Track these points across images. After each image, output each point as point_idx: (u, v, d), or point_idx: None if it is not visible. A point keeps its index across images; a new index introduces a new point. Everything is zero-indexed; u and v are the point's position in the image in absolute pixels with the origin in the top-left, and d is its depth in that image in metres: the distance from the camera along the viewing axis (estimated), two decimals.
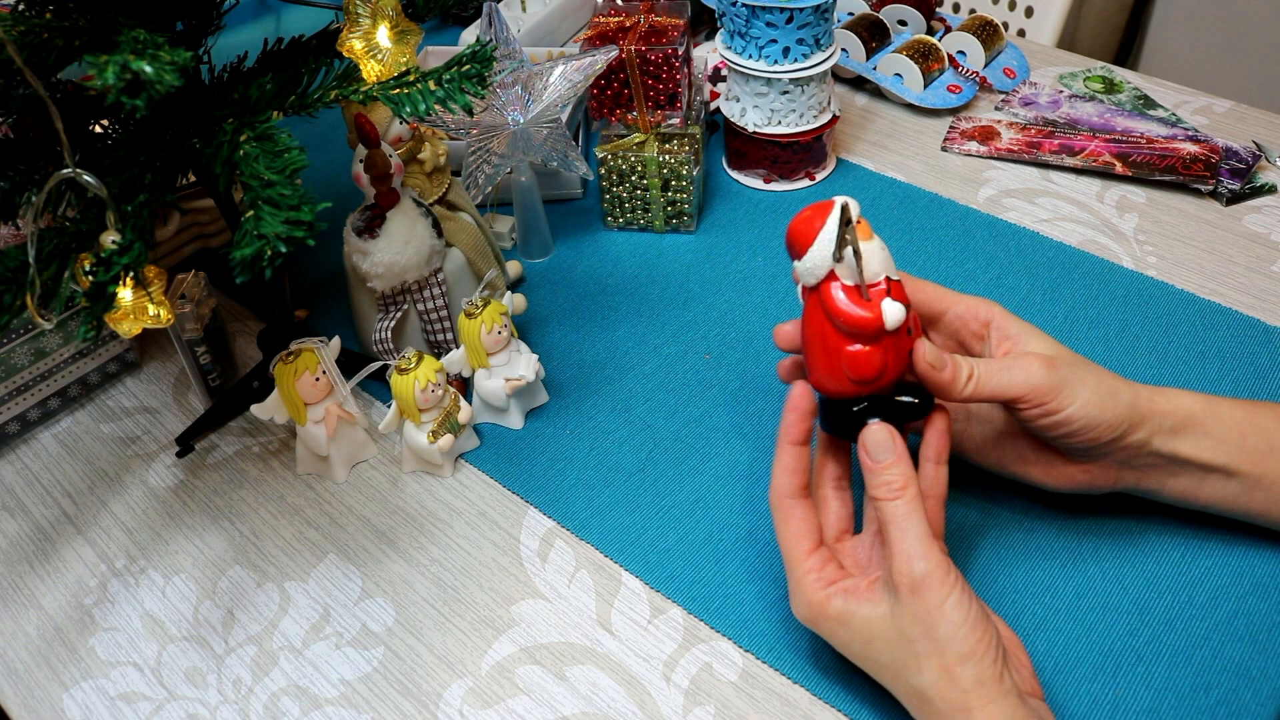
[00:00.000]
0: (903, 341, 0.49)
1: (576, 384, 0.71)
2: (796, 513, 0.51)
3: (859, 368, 0.49)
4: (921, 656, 0.46)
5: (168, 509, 0.66)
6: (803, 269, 0.50)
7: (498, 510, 0.64)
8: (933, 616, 0.45)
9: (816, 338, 0.50)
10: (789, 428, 0.52)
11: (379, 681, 0.56)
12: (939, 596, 0.45)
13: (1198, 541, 0.57)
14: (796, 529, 0.51)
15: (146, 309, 0.50)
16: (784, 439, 0.52)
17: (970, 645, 0.45)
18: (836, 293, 0.49)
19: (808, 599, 0.50)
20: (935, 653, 0.45)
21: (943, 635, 0.45)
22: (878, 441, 0.49)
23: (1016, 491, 0.60)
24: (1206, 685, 0.51)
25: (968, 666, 0.45)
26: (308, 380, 0.62)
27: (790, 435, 0.52)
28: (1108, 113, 0.92)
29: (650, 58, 0.77)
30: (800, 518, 0.51)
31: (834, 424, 0.52)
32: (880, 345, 0.49)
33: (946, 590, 0.45)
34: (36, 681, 0.57)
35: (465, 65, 0.51)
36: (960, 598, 0.46)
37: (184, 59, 0.42)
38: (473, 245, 0.72)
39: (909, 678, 0.47)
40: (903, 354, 0.50)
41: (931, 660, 0.45)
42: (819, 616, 0.50)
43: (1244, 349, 0.69)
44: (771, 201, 0.86)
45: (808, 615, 0.50)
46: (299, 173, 0.46)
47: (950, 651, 0.45)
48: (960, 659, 0.45)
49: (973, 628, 0.45)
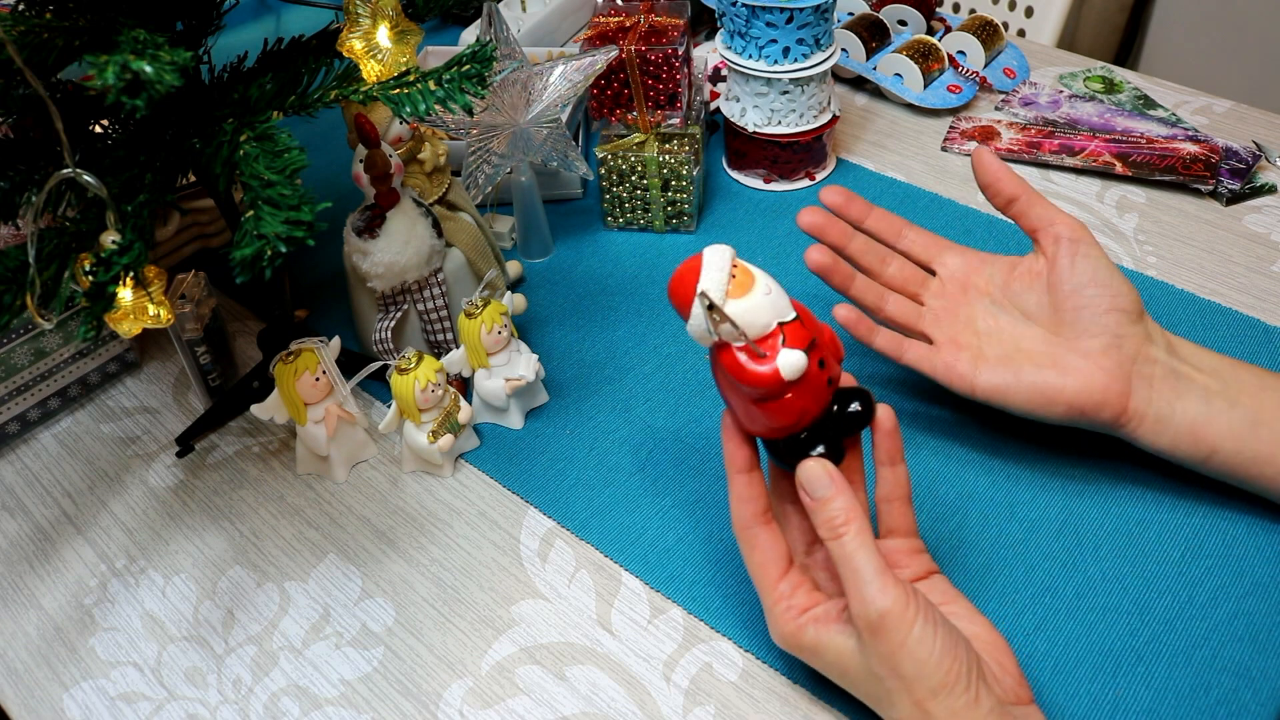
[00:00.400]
0: (815, 375, 0.47)
1: (576, 384, 0.71)
2: (760, 541, 0.50)
3: (777, 419, 0.47)
4: (893, 693, 0.45)
5: (168, 509, 0.66)
6: (690, 329, 0.47)
7: (498, 510, 0.64)
8: (896, 656, 0.44)
9: (729, 392, 0.48)
10: (730, 456, 0.50)
11: (379, 681, 0.56)
12: (900, 634, 0.43)
13: (1198, 541, 0.57)
14: (762, 558, 0.50)
15: (146, 309, 0.50)
16: (730, 468, 0.50)
17: (939, 678, 0.43)
18: (731, 357, 0.46)
19: (780, 629, 0.49)
20: (904, 690, 0.44)
21: (909, 673, 0.43)
22: (812, 478, 0.47)
23: (1016, 491, 0.60)
24: (1206, 685, 0.51)
25: (939, 700, 0.43)
26: (308, 380, 0.62)
27: (735, 464, 0.50)
28: (1108, 113, 0.92)
29: (650, 58, 0.77)
30: (765, 545, 0.50)
31: (779, 459, 0.50)
32: (792, 393, 0.46)
33: (907, 625, 0.43)
34: (36, 681, 0.57)
35: (465, 65, 0.51)
36: (923, 630, 0.43)
37: (184, 59, 0.42)
38: (473, 245, 0.72)
39: (885, 711, 0.46)
40: (820, 386, 0.47)
41: (902, 697, 0.44)
42: (794, 646, 0.49)
43: (1244, 349, 0.69)
44: (771, 201, 0.86)
45: (783, 644, 0.50)
46: (299, 173, 0.46)
47: (920, 688, 0.43)
48: (931, 693, 0.43)
49: (940, 659, 0.43)
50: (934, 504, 0.61)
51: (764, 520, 0.50)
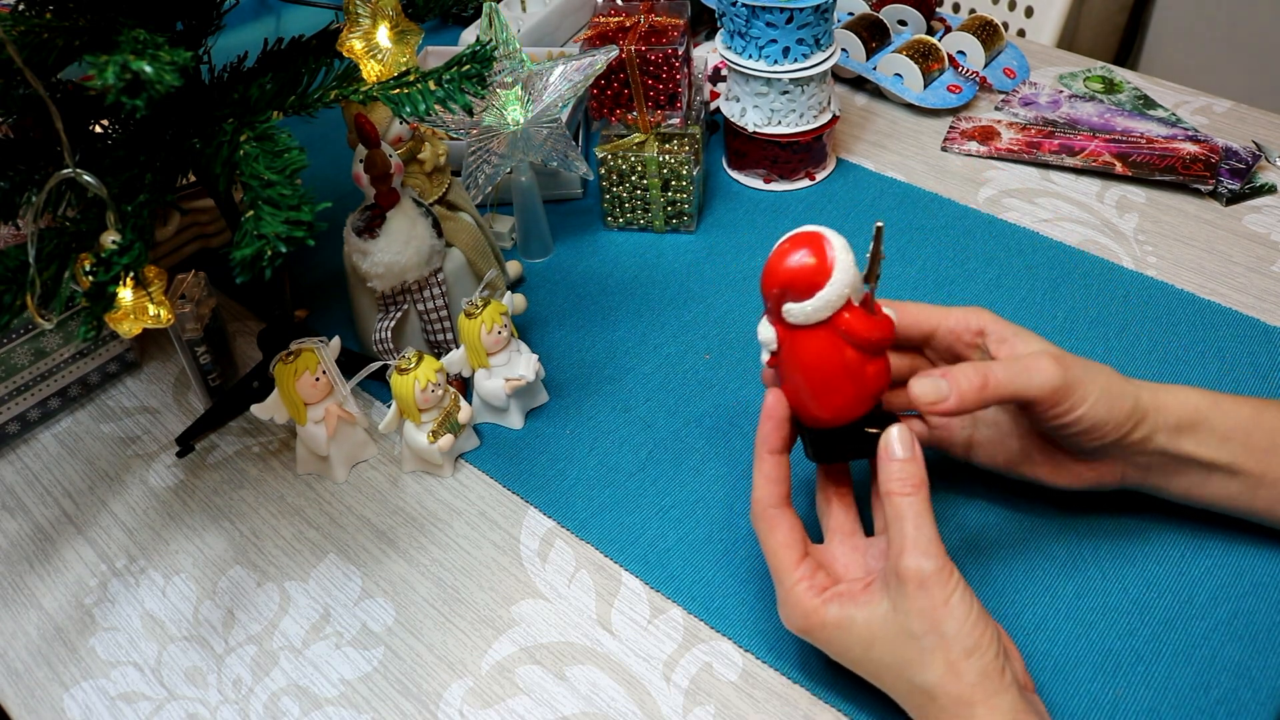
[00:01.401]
0: None
1: (576, 384, 0.71)
2: (782, 523, 0.51)
3: (881, 380, 0.49)
4: (926, 652, 0.46)
5: (168, 509, 0.66)
6: (814, 307, 0.47)
7: (498, 510, 0.64)
8: (939, 612, 0.46)
9: (834, 370, 0.49)
10: (767, 436, 0.51)
11: (379, 681, 0.56)
12: (944, 593, 0.46)
13: (1198, 541, 0.57)
14: (784, 539, 0.50)
15: (146, 309, 0.50)
16: (762, 448, 0.51)
17: (974, 640, 0.45)
18: (853, 320, 0.48)
19: (803, 608, 0.49)
20: (941, 647, 0.45)
21: (949, 630, 0.45)
22: (899, 438, 0.49)
23: (1016, 492, 0.60)
24: (1206, 685, 0.51)
25: (972, 661, 0.45)
26: (308, 380, 0.62)
27: (769, 444, 0.51)
28: (1108, 113, 0.92)
29: (650, 58, 0.77)
30: (787, 527, 0.51)
31: (823, 452, 0.51)
32: (880, 363, 0.49)
33: (951, 587, 0.46)
34: (36, 681, 0.57)
35: (465, 65, 0.51)
36: (963, 595, 0.46)
37: (184, 59, 0.42)
38: (473, 245, 0.72)
39: (912, 675, 0.47)
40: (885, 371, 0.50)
41: (937, 655, 0.45)
42: (815, 625, 0.49)
43: (1244, 349, 0.69)
44: (771, 201, 0.86)
45: (802, 625, 0.50)
46: (299, 173, 0.46)
47: (956, 646, 0.45)
48: (965, 653, 0.45)
49: (975, 624, 0.46)
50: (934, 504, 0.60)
51: (787, 503, 0.51)
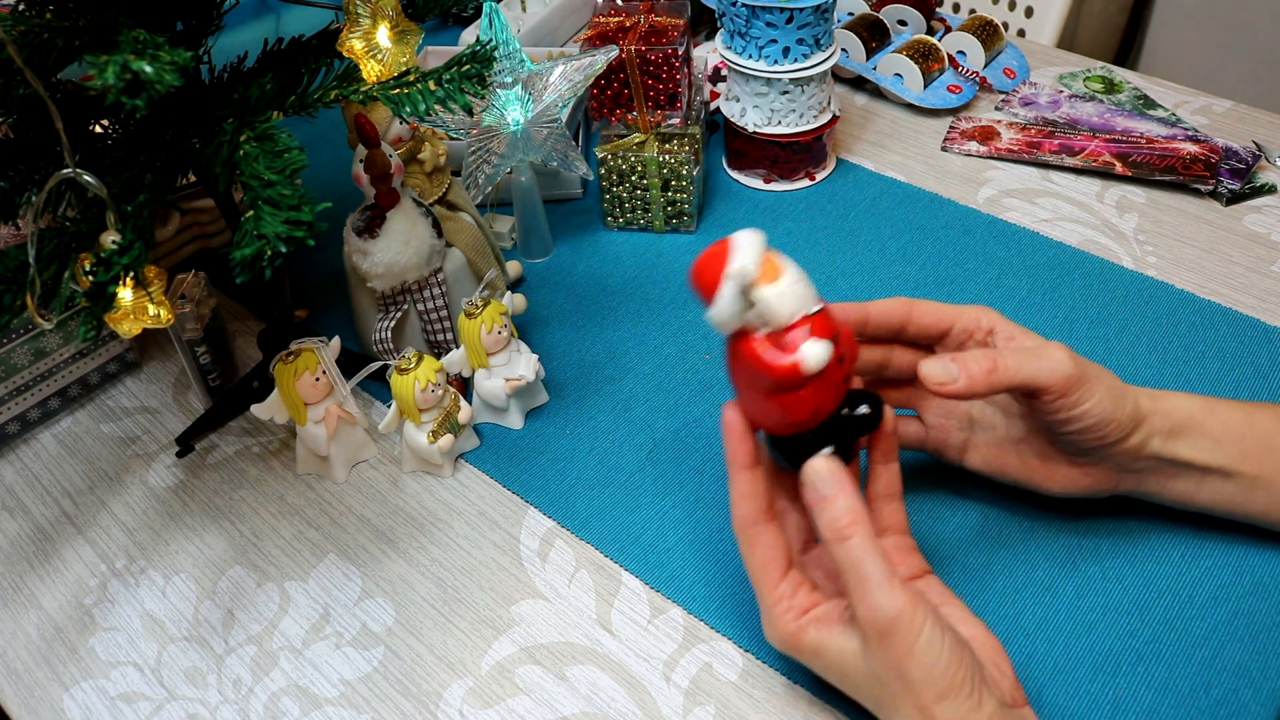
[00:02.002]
0: (834, 371, 0.46)
1: (576, 384, 0.71)
2: (762, 539, 0.49)
3: (790, 413, 0.46)
4: (897, 697, 0.44)
5: (168, 509, 0.66)
6: (713, 320, 0.45)
7: (498, 510, 0.64)
8: (904, 661, 0.43)
9: (744, 383, 0.48)
10: (733, 452, 0.49)
11: (379, 681, 0.56)
12: (909, 639, 0.43)
13: (1198, 541, 0.57)
14: (763, 557, 0.49)
15: (146, 309, 0.50)
16: (733, 465, 0.49)
17: (946, 683, 0.43)
18: (752, 345, 0.45)
19: (780, 631, 0.49)
20: (909, 694, 0.44)
21: (916, 678, 0.43)
22: (819, 477, 0.46)
23: (1016, 493, 0.60)
24: (1206, 685, 0.51)
25: (944, 705, 0.43)
26: (308, 380, 0.62)
27: (737, 460, 0.49)
28: (1108, 113, 0.92)
29: (650, 58, 0.77)
30: (766, 544, 0.49)
31: (785, 458, 0.50)
32: (810, 387, 0.45)
33: (916, 629, 0.43)
34: (36, 681, 0.57)
35: (465, 65, 0.51)
36: (931, 634, 0.43)
37: (184, 59, 0.42)
38: (473, 245, 0.72)
39: (886, 715, 0.46)
40: (836, 383, 0.47)
41: (906, 700, 0.44)
42: (793, 647, 0.49)
43: (1244, 349, 0.69)
44: (771, 201, 0.86)
45: (781, 645, 0.49)
46: (299, 173, 0.46)
47: (926, 692, 0.43)
48: (937, 697, 0.43)
49: (947, 664, 0.43)
50: (934, 504, 0.61)
51: (766, 518, 0.49)
